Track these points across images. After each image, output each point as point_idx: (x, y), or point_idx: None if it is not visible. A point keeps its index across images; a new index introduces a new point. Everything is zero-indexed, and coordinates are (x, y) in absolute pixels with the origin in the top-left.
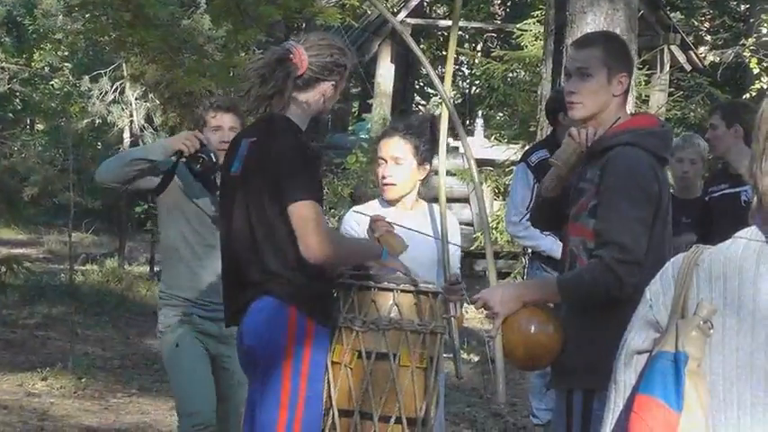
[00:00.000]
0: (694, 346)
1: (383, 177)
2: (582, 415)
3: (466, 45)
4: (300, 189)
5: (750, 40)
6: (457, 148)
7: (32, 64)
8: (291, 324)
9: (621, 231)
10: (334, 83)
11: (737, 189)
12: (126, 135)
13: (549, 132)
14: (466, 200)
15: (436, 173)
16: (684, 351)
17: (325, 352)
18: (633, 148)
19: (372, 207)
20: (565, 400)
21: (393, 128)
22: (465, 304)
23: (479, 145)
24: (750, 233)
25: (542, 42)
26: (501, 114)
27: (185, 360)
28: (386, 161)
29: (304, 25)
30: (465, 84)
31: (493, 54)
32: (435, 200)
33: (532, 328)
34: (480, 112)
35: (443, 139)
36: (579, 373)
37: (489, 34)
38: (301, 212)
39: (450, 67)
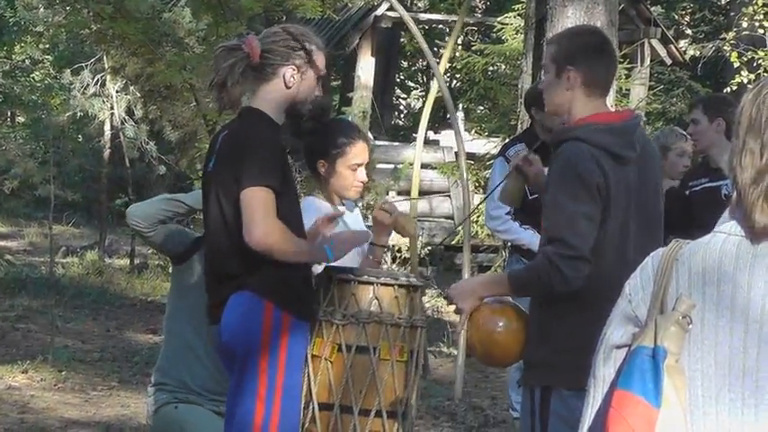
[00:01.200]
0: (673, 342)
1: (363, 181)
2: (540, 412)
3: (446, 38)
4: (254, 176)
5: (730, 33)
6: (437, 142)
7: (13, 57)
8: (267, 318)
9: (563, 227)
10: (293, 67)
11: (718, 183)
12: (107, 128)
13: (528, 126)
14: (446, 193)
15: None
16: (663, 346)
17: (303, 345)
18: (578, 143)
19: (324, 205)
20: (529, 396)
21: (361, 134)
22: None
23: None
24: (730, 228)
25: (523, 36)
26: (481, 108)
27: (191, 413)
28: (361, 166)
29: (284, 18)
30: (446, 77)
31: (473, 47)
32: (424, 192)
33: (489, 326)
34: (461, 106)
35: (422, 132)
36: (537, 369)
37: (470, 28)
38: (250, 199)
39: (447, 56)
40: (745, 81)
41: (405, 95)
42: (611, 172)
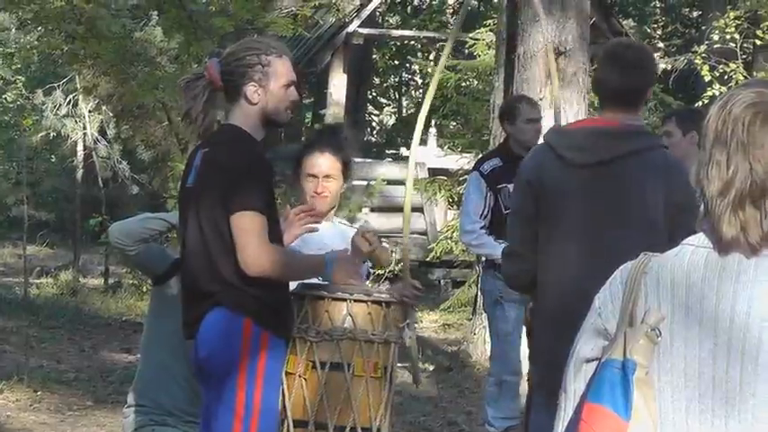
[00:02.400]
0: (642, 354)
1: (317, 192)
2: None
3: (419, 55)
4: (243, 200)
5: (702, 47)
6: (407, 158)
7: None
8: (246, 335)
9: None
10: (253, 83)
11: None
12: (79, 148)
13: (501, 141)
14: (420, 209)
15: (390, 182)
16: (633, 359)
17: (281, 362)
18: (540, 144)
19: None
20: None
21: (322, 146)
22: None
23: (433, 154)
24: (698, 240)
25: (494, 51)
26: (454, 124)
27: None
28: (318, 178)
29: (256, 36)
30: (418, 93)
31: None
32: (396, 209)
33: None
34: (433, 122)
35: (415, 144)
36: None
37: (442, 43)
38: (241, 224)
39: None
40: (717, 94)
41: (377, 112)
42: (551, 171)
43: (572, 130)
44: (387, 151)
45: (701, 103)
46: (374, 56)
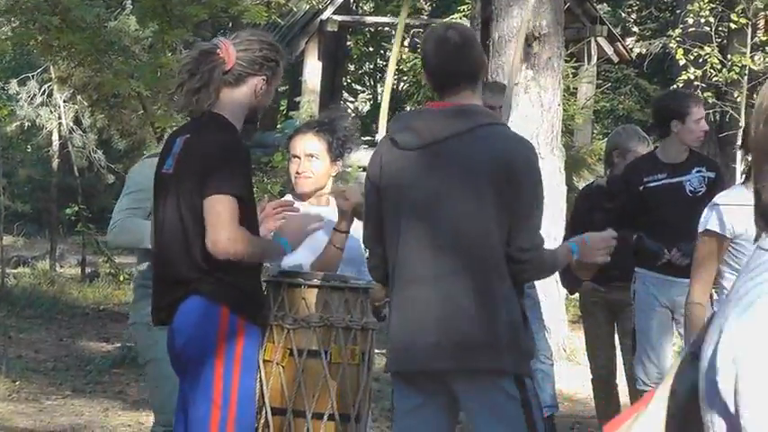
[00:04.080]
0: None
1: (297, 173)
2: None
3: (393, 41)
4: (219, 183)
5: (676, 30)
6: None
7: None
8: (222, 323)
9: None
10: (265, 77)
11: (680, 179)
12: (55, 137)
13: None
14: None
15: (365, 169)
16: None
17: (257, 350)
18: None
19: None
20: None
21: (307, 125)
22: None
23: None
24: None
25: None
26: None
27: (165, 361)
28: (299, 158)
29: (230, 24)
30: (392, 79)
31: (420, 50)
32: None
33: None
34: (408, 108)
35: (382, 129)
36: None
37: (416, 30)
38: (214, 206)
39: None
40: (692, 77)
41: (352, 99)
42: (387, 159)
43: (408, 114)
44: (362, 138)
45: (676, 86)
46: (348, 43)
